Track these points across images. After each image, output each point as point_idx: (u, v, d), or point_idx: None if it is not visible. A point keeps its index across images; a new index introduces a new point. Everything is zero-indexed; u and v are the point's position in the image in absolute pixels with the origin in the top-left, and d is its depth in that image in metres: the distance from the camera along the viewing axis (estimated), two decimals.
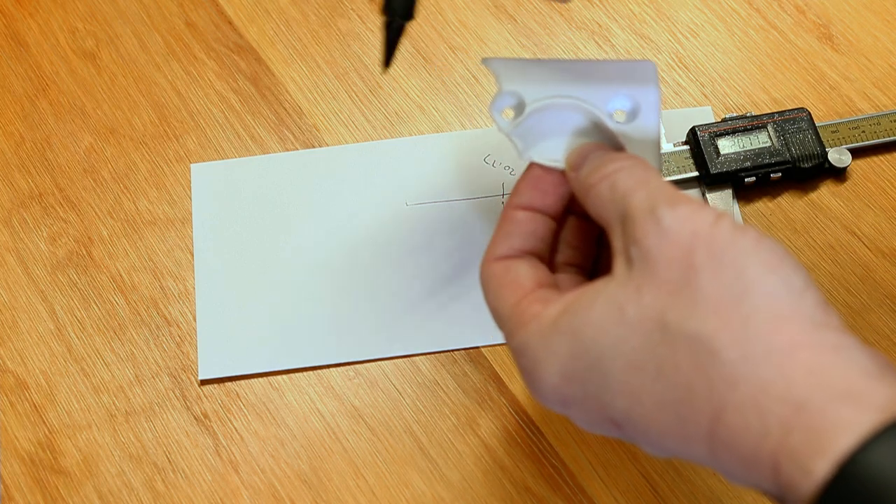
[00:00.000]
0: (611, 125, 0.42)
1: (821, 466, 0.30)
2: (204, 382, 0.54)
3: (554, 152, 0.43)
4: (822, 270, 0.56)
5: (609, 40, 0.63)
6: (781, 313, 0.34)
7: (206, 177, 0.59)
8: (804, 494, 0.31)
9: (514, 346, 0.39)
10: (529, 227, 0.41)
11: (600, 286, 0.37)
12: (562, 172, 0.42)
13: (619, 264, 0.37)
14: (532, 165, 0.43)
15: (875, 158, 0.59)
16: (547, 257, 0.42)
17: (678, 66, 0.62)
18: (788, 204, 0.58)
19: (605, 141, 0.43)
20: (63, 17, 0.65)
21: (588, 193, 0.39)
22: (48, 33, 0.64)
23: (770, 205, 0.58)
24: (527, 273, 0.40)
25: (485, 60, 0.44)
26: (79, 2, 0.65)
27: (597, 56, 0.63)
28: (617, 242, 0.37)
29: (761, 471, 0.32)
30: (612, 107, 0.43)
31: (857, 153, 0.58)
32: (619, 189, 0.38)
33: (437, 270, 0.56)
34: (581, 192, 0.40)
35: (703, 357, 0.33)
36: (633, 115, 0.43)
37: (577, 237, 0.43)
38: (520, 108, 0.43)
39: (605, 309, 0.36)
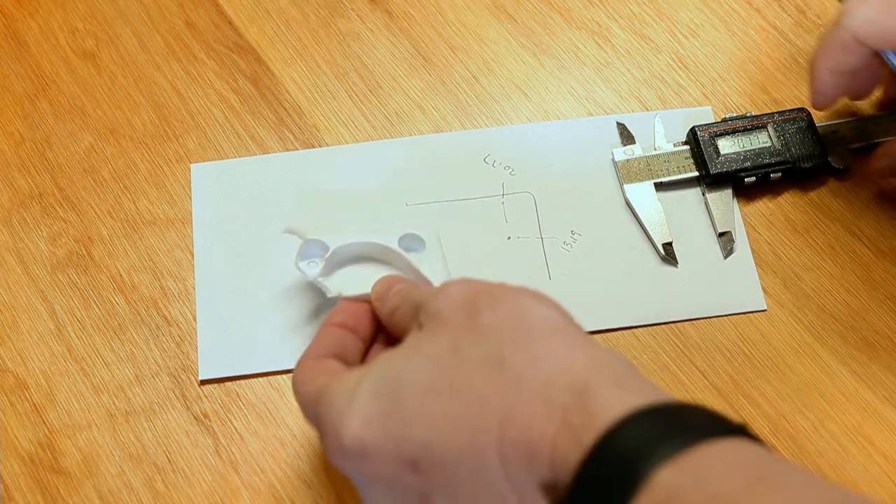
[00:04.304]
0: (405, 256, 0.52)
1: (589, 437, 0.35)
2: (204, 382, 0.54)
3: (360, 287, 0.50)
4: (822, 270, 0.56)
5: (609, 40, 0.63)
6: (557, 328, 0.40)
7: (206, 177, 0.59)
8: (574, 465, 0.35)
9: (320, 412, 0.42)
10: (341, 340, 0.47)
11: (396, 347, 0.42)
12: (369, 302, 0.49)
13: (409, 335, 0.43)
14: (344, 299, 0.50)
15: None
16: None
17: (678, 66, 0.62)
18: (789, 204, 0.58)
19: (402, 265, 0.52)
20: (63, 17, 0.65)
21: (393, 315, 0.47)
22: (48, 33, 0.64)
23: (770, 205, 0.58)
24: (337, 365, 0.45)
25: (286, 228, 0.52)
26: (79, 2, 0.65)
27: (596, 57, 0.63)
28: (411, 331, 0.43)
29: (542, 457, 0.36)
30: (403, 243, 0.52)
31: (857, 153, 0.58)
32: (412, 296, 0.45)
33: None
34: (387, 316, 0.47)
35: (492, 368, 0.39)
36: (420, 250, 0.52)
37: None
38: (325, 252, 0.52)
39: (404, 352, 0.41)
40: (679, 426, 0.35)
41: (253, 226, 0.58)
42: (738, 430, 0.36)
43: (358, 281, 0.51)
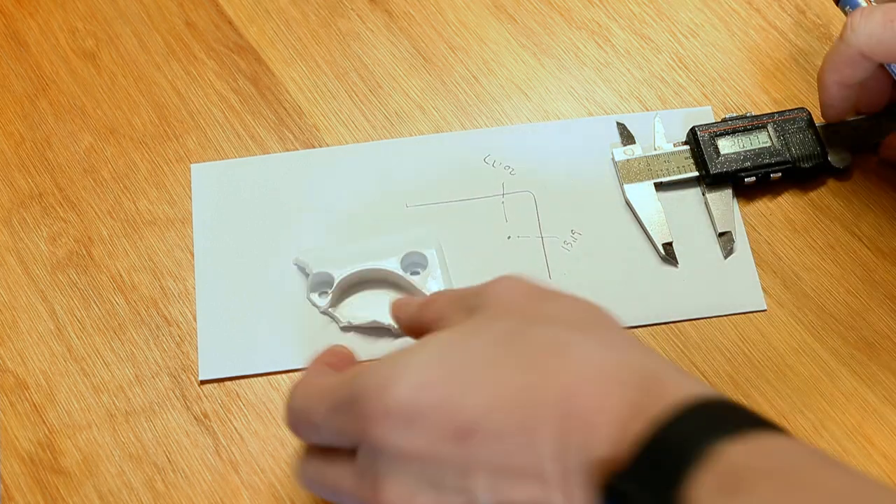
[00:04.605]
0: (408, 279, 0.54)
1: (657, 415, 0.36)
2: (204, 382, 0.54)
3: (368, 313, 0.54)
4: (822, 270, 0.56)
5: (609, 40, 0.63)
6: (615, 326, 0.42)
7: (206, 177, 0.59)
8: (639, 438, 0.36)
9: (355, 389, 0.40)
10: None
11: (449, 329, 0.42)
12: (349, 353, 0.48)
13: (457, 322, 0.43)
14: (330, 348, 0.48)
15: (875, 158, 0.59)
16: None
17: (678, 66, 0.62)
18: (789, 204, 0.58)
19: (406, 285, 0.54)
20: (63, 17, 0.65)
21: (427, 308, 0.46)
22: (48, 33, 0.64)
23: (770, 205, 0.58)
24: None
25: (295, 260, 0.56)
26: (79, 2, 0.65)
27: (596, 57, 0.63)
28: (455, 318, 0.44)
29: (605, 432, 0.37)
30: (406, 263, 0.54)
31: (857, 152, 0.58)
32: (455, 290, 0.47)
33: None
34: (417, 312, 0.46)
35: (560, 347, 0.39)
36: (422, 268, 0.54)
37: None
38: (331, 281, 0.54)
39: (462, 330, 0.41)
40: (739, 415, 0.36)
41: (253, 226, 0.58)
42: (787, 433, 0.37)
43: (366, 307, 0.55)
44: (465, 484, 0.38)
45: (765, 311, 0.55)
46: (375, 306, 0.54)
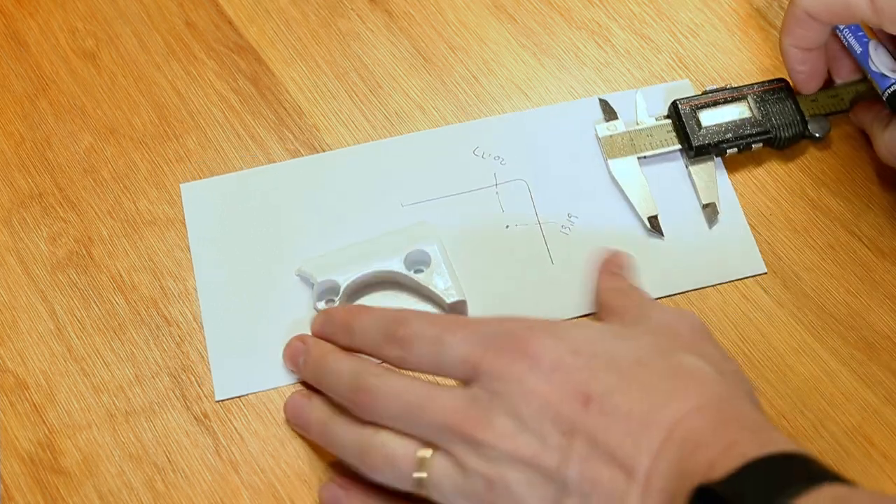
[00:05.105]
0: (412, 277, 0.54)
1: (754, 453, 0.38)
2: (220, 400, 0.53)
3: None
4: (822, 270, 0.56)
5: (609, 40, 0.63)
6: (741, 378, 0.47)
7: (197, 196, 0.58)
8: (727, 471, 0.38)
9: (522, 326, 0.45)
10: None
11: (608, 323, 0.49)
12: None
13: (614, 321, 0.48)
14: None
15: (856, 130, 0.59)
16: None
17: (678, 66, 0.62)
18: (788, 203, 0.58)
19: (411, 283, 0.54)
20: (63, 17, 0.65)
21: (617, 285, 0.52)
22: (48, 33, 0.64)
23: (769, 204, 0.58)
24: None
25: (297, 271, 0.55)
26: (79, 2, 0.65)
27: (596, 57, 0.63)
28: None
29: (704, 459, 0.39)
30: (409, 261, 0.54)
31: (836, 119, 0.59)
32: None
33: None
34: (607, 289, 0.52)
35: (700, 375, 0.43)
36: (426, 265, 0.54)
37: None
38: (336, 288, 0.54)
39: (623, 327, 0.47)
40: (811, 470, 0.38)
41: (250, 240, 0.57)
42: (855, 485, 0.38)
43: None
44: (565, 444, 0.41)
45: (765, 273, 0.55)
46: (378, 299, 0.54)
